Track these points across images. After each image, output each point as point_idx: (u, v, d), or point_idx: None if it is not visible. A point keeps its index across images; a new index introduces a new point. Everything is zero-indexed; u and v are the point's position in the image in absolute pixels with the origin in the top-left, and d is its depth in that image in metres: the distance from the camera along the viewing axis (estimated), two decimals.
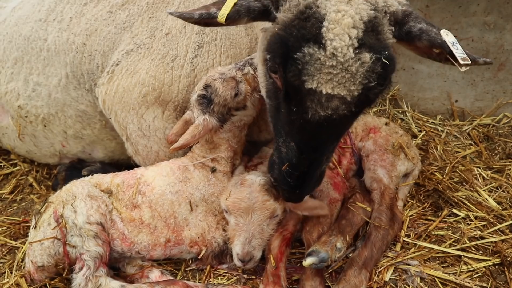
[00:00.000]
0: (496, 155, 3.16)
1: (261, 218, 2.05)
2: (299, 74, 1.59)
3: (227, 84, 2.16)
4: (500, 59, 3.31)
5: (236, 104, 2.21)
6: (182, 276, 2.21)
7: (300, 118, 1.69)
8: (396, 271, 2.19)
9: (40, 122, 2.77)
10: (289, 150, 1.81)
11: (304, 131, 1.74)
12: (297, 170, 1.83)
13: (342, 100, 1.61)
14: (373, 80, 1.58)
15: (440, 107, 3.61)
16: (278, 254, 2.08)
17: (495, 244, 2.33)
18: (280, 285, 1.96)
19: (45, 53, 2.64)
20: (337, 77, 1.57)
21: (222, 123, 2.22)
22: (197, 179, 2.26)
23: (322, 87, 1.59)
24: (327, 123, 1.67)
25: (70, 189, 2.20)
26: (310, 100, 1.63)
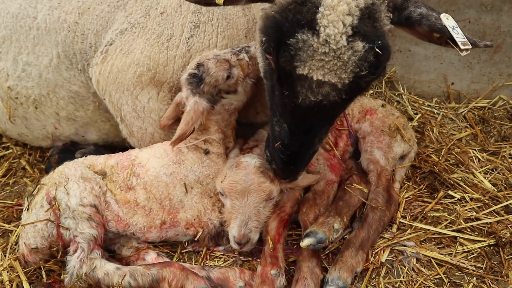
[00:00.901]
0: (491, 138, 3.17)
1: (257, 200, 2.04)
2: (291, 60, 1.60)
3: (220, 65, 2.14)
4: (496, 41, 3.29)
5: (227, 87, 2.19)
6: (178, 259, 2.20)
7: (291, 102, 1.71)
8: (393, 252, 2.20)
9: (31, 103, 2.72)
10: (282, 130, 1.84)
11: (295, 114, 1.76)
12: (288, 150, 1.87)
13: (333, 87, 1.62)
14: (365, 68, 1.59)
15: (436, 89, 3.60)
16: (275, 235, 2.08)
17: (490, 225, 2.34)
18: (278, 265, 1.96)
19: (34, 31, 2.57)
20: (329, 64, 1.57)
21: (213, 104, 2.19)
22: (191, 161, 2.24)
23: (313, 74, 1.59)
24: (318, 108, 1.68)
25: (63, 171, 2.17)
26: (300, 85, 1.64)
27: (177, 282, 1.90)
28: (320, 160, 2.44)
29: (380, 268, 2.11)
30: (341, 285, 1.92)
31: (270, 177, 2.06)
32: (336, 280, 1.93)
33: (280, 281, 1.92)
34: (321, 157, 2.46)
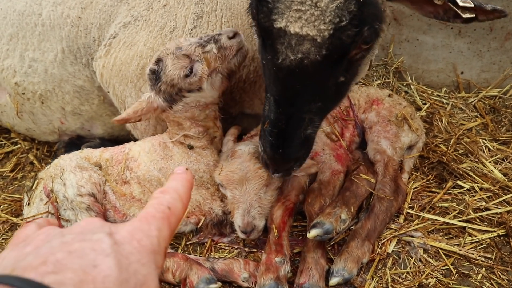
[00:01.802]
0: (502, 127, 3.10)
1: (256, 187, 2.01)
2: (269, 14, 1.53)
3: (177, 62, 1.95)
4: (507, 28, 3.22)
5: (188, 86, 2.00)
6: (183, 250, 2.20)
7: (273, 65, 1.62)
8: (399, 243, 2.16)
9: (37, 99, 2.74)
10: (270, 106, 1.74)
11: (278, 80, 1.66)
12: (276, 127, 1.73)
13: (313, 42, 1.51)
14: (345, 18, 1.47)
15: (446, 79, 3.53)
16: (280, 223, 2.06)
17: (500, 215, 2.30)
18: (283, 253, 1.93)
19: (40, 28, 2.58)
20: (306, 14, 1.48)
21: (171, 104, 2.04)
22: (178, 156, 2.21)
23: (291, 26, 1.51)
24: (299, 70, 1.58)
25: (58, 163, 2.18)
26: (280, 43, 1.56)
27: (181, 272, 1.89)
28: (326, 151, 2.41)
29: (387, 259, 2.08)
30: (347, 276, 1.90)
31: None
32: (341, 271, 1.91)
33: (284, 268, 1.90)
34: (327, 147, 2.44)
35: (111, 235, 0.72)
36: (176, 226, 0.83)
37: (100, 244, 0.69)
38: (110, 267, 0.65)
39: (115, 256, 0.67)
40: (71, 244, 0.68)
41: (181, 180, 0.90)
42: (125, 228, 0.75)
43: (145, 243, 0.73)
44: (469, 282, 2.00)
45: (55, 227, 0.78)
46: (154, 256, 0.73)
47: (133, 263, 0.69)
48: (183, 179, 0.90)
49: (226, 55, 2.01)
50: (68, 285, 0.61)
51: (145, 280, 0.69)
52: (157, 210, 0.81)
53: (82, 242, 0.69)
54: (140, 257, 0.71)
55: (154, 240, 0.75)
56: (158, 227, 0.77)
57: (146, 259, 0.71)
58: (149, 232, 0.75)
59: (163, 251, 0.77)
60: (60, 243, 0.69)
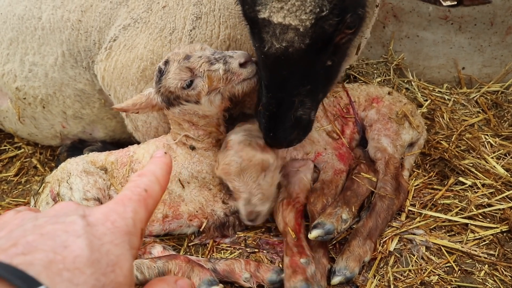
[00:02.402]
0: (505, 122, 3.08)
1: (253, 176, 2.00)
2: (253, 5, 1.60)
3: (179, 72, 1.94)
4: (508, 22, 3.19)
5: (186, 96, 1.99)
6: (185, 252, 2.20)
7: (261, 53, 1.70)
8: (401, 240, 2.16)
9: (38, 103, 2.75)
10: (262, 89, 1.84)
11: (266, 67, 1.75)
12: (267, 110, 1.82)
13: (296, 31, 1.57)
14: (326, 9, 1.52)
15: (447, 75, 3.52)
16: (295, 226, 2.06)
17: (503, 211, 2.28)
18: (306, 254, 1.93)
19: (39, 31, 2.59)
20: (288, 5, 1.54)
21: (168, 106, 2.05)
22: (181, 157, 2.21)
23: (274, 16, 1.57)
24: (285, 57, 1.64)
25: (65, 167, 2.19)
26: (265, 32, 1.62)
27: (183, 274, 1.90)
28: (328, 150, 2.41)
29: (389, 257, 2.08)
30: (349, 275, 1.90)
31: (260, 147, 1.99)
32: (343, 270, 1.91)
33: (311, 268, 1.88)
34: (329, 146, 2.43)
35: (85, 217, 0.72)
36: (153, 208, 0.84)
37: (73, 225, 0.69)
38: (81, 247, 0.66)
39: (87, 237, 0.68)
40: (43, 227, 0.69)
41: (159, 163, 0.91)
42: (99, 210, 0.75)
43: (119, 224, 0.73)
44: (471, 279, 1.99)
45: (30, 212, 0.79)
46: (129, 237, 0.73)
47: (105, 243, 0.69)
48: (162, 162, 0.91)
49: (231, 80, 1.97)
50: (36, 266, 0.62)
51: (117, 260, 0.69)
52: (133, 193, 0.81)
53: (55, 224, 0.70)
54: (113, 237, 0.71)
55: (129, 221, 0.75)
56: (134, 208, 0.78)
57: (119, 239, 0.71)
58: (124, 213, 0.76)
59: (139, 232, 0.77)
60: (33, 226, 0.69)
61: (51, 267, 0.62)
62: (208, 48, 2.06)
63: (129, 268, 0.71)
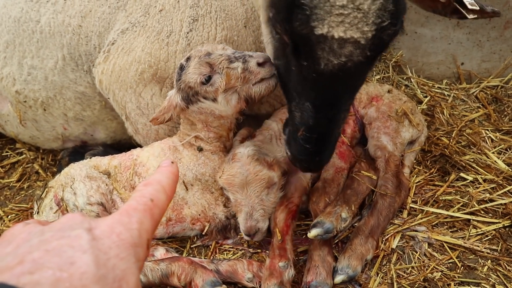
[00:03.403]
0: (505, 117, 3.08)
1: (257, 190, 2.01)
2: (307, 21, 1.45)
3: (199, 67, 1.97)
4: (506, 16, 3.19)
5: (204, 93, 2.01)
6: (188, 253, 2.21)
7: (312, 71, 1.56)
8: (403, 238, 2.16)
9: (39, 106, 2.75)
10: (304, 112, 1.66)
11: (318, 86, 1.61)
12: (314, 132, 1.68)
13: (356, 44, 1.48)
14: (386, 18, 1.46)
15: (446, 71, 3.52)
16: (284, 227, 2.06)
17: (505, 206, 2.29)
18: (287, 257, 1.94)
19: (38, 35, 2.59)
20: (349, 18, 1.44)
21: (187, 104, 2.06)
22: (187, 158, 2.22)
23: (334, 31, 1.45)
24: (342, 72, 1.54)
25: (68, 172, 2.20)
26: (321, 48, 1.49)
27: (186, 276, 1.90)
28: None
29: (391, 254, 2.08)
30: (351, 274, 1.90)
31: (267, 164, 2.02)
32: (345, 268, 1.91)
33: (288, 273, 1.90)
34: None
35: (90, 230, 0.71)
36: (159, 218, 0.82)
37: (78, 240, 0.68)
38: (87, 263, 0.65)
39: (93, 252, 0.67)
40: (49, 242, 0.68)
41: (165, 173, 0.90)
42: (105, 222, 0.74)
43: (125, 237, 0.73)
44: (475, 274, 1.99)
45: (37, 225, 0.78)
46: (134, 249, 0.73)
47: (111, 258, 0.68)
48: (168, 172, 0.90)
49: (249, 79, 1.98)
50: (44, 285, 0.61)
51: (123, 274, 0.68)
52: (138, 203, 0.80)
53: (60, 239, 0.69)
54: (119, 251, 0.70)
55: (135, 232, 0.74)
56: (139, 219, 0.77)
57: (125, 253, 0.71)
58: (129, 225, 0.75)
59: (145, 243, 0.76)
60: (39, 241, 0.69)
61: (58, 285, 0.61)
62: (229, 48, 2.08)
63: (135, 282, 0.70)
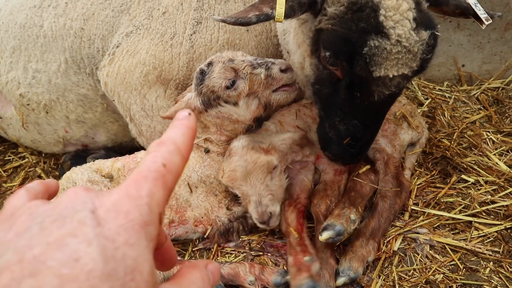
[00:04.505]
0: (506, 118, 3.08)
1: (260, 177, 2.00)
2: (366, 67, 1.66)
3: (224, 72, 2.03)
4: (506, 18, 3.20)
5: (227, 97, 2.07)
6: (190, 256, 2.22)
7: (364, 101, 1.79)
8: (405, 240, 2.16)
9: (42, 109, 2.77)
10: (351, 127, 1.91)
11: (368, 110, 1.85)
12: (360, 141, 1.97)
13: (404, 76, 1.72)
14: (429, 52, 1.70)
15: (447, 73, 3.52)
16: (297, 225, 2.07)
17: (507, 207, 2.29)
18: (309, 252, 1.94)
19: (42, 39, 2.62)
20: (402, 60, 1.66)
21: (206, 108, 2.11)
22: (193, 160, 2.23)
23: (389, 72, 1.67)
24: (390, 97, 1.81)
25: (70, 176, 2.21)
26: (375, 85, 1.72)
27: None
28: None
29: (393, 256, 2.08)
30: (353, 276, 1.91)
31: (263, 150, 2.03)
32: (347, 270, 1.92)
33: (315, 266, 1.89)
34: None
35: (94, 212, 0.63)
36: (173, 185, 0.72)
37: (82, 227, 0.60)
38: (94, 258, 0.57)
39: (99, 242, 0.59)
40: (50, 232, 0.60)
41: (181, 128, 0.77)
42: (110, 199, 0.65)
43: (134, 216, 0.63)
44: (477, 276, 2.00)
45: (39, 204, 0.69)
46: (145, 229, 0.63)
47: (120, 246, 0.60)
48: (184, 126, 0.77)
49: (271, 84, 2.09)
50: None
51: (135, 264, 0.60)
52: (149, 169, 0.69)
53: (62, 227, 0.61)
54: (127, 236, 0.61)
55: (144, 209, 0.65)
56: (149, 191, 0.67)
57: (135, 237, 0.62)
58: (138, 199, 0.65)
59: (156, 219, 0.66)
60: (39, 230, 0.61)
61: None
62: (249, 56, 2.15)
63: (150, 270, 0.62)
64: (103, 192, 0.67)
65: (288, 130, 2.38)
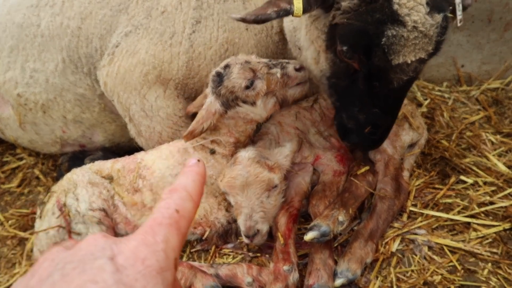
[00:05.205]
0: (506, 119, 3.08)
1: (257, 192, 2.01)
2: (385, 57, 1.71)
3: (243, 72, 2.08)
4: (506, 18, 3.19)
5: (245, 97, 2.11)
6: (188, 258, 2.21)
7: (384, 89, 1.84)
8: (403, 241, 2.16)
9: (39, 108, 2.76)
10: (371, 115, 1.96)
11: (389, 97, 1.90)
12: (381, 127, 2.03)
13: (421, 60, 1.77)
14: (443, 33, 1.74)
15: (446, 73, 3.51)
16: (285, 231, 2.06)
17: (506, 209, 2.28)
18: (290, 261, 1.94)
19: (39, 39, 2.61)
20: (419, 45, 1.70)
21: (226, 109, 2.14)
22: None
23: (407, 58, 1.72)
24: (408, 82, 1.85)
25: (71, 178, 2.21)
26: (394, 72, 1.77)
27: (186, 280, 1.90)
28: (327, 152, 2.41)
29: (391, 258, 2.08)
30: (351, 277, 1.91)
31: (268, 166, 2.03)
32: (345, 272, 1.91)
33: (293, 276, 1.90)
34: (327, 149, 2.43)
35: (113, 258, 0.65)
36: (187, 230, 0.75)
37: (101, 274, 0.63)
38: None
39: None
40: (71, 279, 0.63)
41: (191, 175, 0.81)
42: (128, 246, 0.68)
43: (151, 262, 0.66)
44: (475, 278, 1.99)
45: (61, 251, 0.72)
46: (162, 274, 0.66)
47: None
48: (194, 173, 0.82)
49: (287, 83, 2.17)
50: None
51: None
52: (163, 216, 0.73)
53: (82, 274, 0.63)
54: (145, 282, 0.64)
55: (161, 255, 0.68)
56: (165, 237, 0.70)
57: (152, 282, 0.64)
58: (154, 246, 0.68)
59: (172, 264, 0.69)
60: (61, 276, 0.64)
61: None
62: (262, 59, 2.21)
63: None
64: (121, 239, 0.70)
65: (287, 132, 2.38)
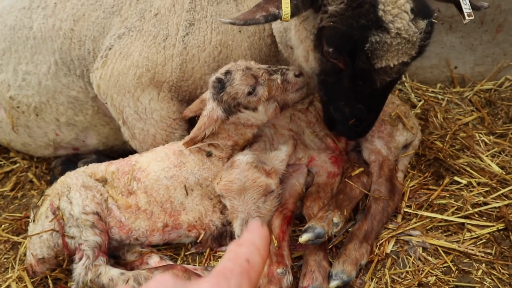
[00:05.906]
0: (499, 120, 3.09)
1: (254, 197, 2.01)
2: (368, 60, 1.74)
3: (245, 78, 2.09)
4: (498, 20, 3.21)
5: (247, 103, 2.13)
6: (182, 261, 2.20)
7: (368, 88, 1.89)
8: (398, 242, 2.16)
9: (32, 111, 2.74)
10: (356, 109, 2.01)
11: (372, 96, 1.95)
12: (365, 121, 2.09)
13: (404, 63, 1.81)
14: (427, 39, 1.78)
15: (440, 74, 3.53)
16: (279, 233, 2.06)
17: (499, 209, 2.29)
18: (284, 264, 1.94)
19: (31, 41, 2.59)
20: (402, 50, 1.74)
21: (228, 115, 2.14)
22: (192, 163, 2.22)
23: (390, 62, 1.76)
24: (391, 83, 1.90)
25: (65, 181, 2.19)
26: (377, 74, 1.81)
27: None
28: (322, 154, 2.41)
29: (386, 259, 2.08)
30: (346, 279, 1.90)
31: (265, 171, 2.04)
32: (340, 273, 1.91)
33: (287, 279, 1.90)
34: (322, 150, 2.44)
35: None
36: (256, 283, 0.71)
37: None
38: None
39: None
40: None
41: (257, 234, 0.79)
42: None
43: None
44: (469, 278, 2.00)
45: None
46: None
47: None
48: (260, 233, 0.80)
49: (287, 89, 2.21)
50: None
51: None
52: (235, 264, 0.70)
53: None
54: None
55: None
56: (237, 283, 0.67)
57: None
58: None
59: None
60: None
61: None
62: (262, 65, 2.24)
63: None
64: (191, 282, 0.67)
65: (282, 134, 2.38)
